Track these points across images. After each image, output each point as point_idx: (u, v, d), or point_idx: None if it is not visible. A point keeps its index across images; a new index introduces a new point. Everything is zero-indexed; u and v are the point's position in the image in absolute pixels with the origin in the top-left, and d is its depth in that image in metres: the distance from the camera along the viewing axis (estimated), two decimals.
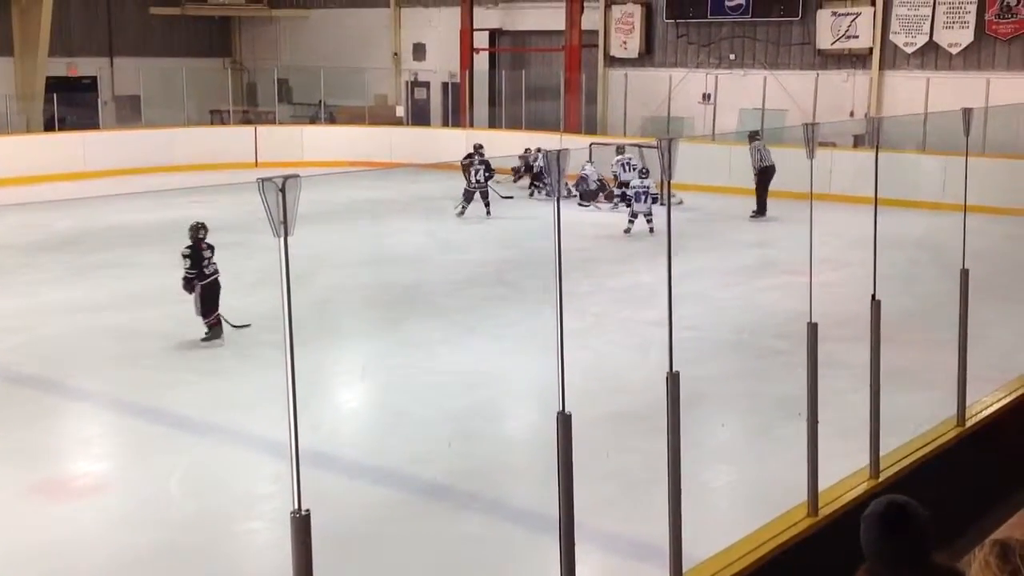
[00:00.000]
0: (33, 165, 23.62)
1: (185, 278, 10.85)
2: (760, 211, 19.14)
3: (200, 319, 10.86)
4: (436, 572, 6.35)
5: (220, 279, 10.96)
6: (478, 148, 19.59)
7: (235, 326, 10.98)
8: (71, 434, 9.03)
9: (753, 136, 19.74)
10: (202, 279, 10.81)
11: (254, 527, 7.10)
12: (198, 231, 10.97)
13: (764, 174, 19.16)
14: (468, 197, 18.83)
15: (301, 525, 3.07)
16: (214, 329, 10.85)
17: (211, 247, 11.00)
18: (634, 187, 17.54)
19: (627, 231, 17.25)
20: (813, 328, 5.19)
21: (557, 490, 3.82)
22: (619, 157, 20.62)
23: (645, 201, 17.21)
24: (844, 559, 3.24)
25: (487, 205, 18.97)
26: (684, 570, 4.25)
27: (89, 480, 7.89)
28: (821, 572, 4.52)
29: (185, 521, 7.03)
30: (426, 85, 30.62)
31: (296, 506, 3.07)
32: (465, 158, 19.73)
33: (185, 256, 10.85)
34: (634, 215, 17.27)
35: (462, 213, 18.88)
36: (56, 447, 8.58)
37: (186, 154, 25.28)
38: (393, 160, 25.07)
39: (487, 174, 18.93)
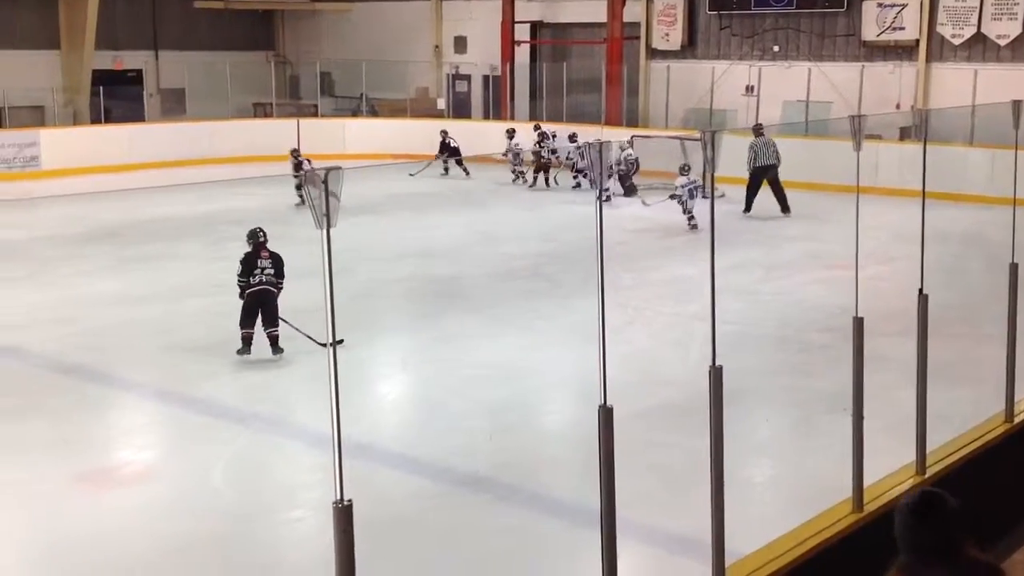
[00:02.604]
0: (79, 157, 23.93)
1: (238, 284, 10.15)
2: (747, 206, 18.46)
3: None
4: (476, 564, 6.36)
5: (276, 291, 10.09)
6: (295, 151, 20.28)
7: (321, 344, 9.94)
8: (115, 424, 9.14)
9: (757, 131, 19.02)
10: (249, 287, 10.05)
11: (296, 516, 7.15)
12: (257, 236, 10.26)
13: (756, 173, 18.53)
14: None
15: (343, 515, 3.07)
16: (244, 343, 10.08)
17: (274, 256, 10.16)
18: (684, 184, 17.22)
19: (695, 227, 16.95)
20: (859, 322, 5.12)
21: (597, 483, 3.80)
22: (625, 153, 20.47)
23: (695, 196, 17.02)
24: (889, 556, 3.20)
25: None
26: (727, 565, 4.21)
27: (134, 469, 7.98)
28: (866, 568, 4.46)
29: (228, 510, 7.09)
30: (467, 78, 30.63)
31: (338, 496, 3.07)
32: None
33: (240, 262, 10.17)
34: (689, 211, 16.99)
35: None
36: (101, 437, 8.69)
37: (229, 147, 25.48)
38: (434, 153, 25.10)
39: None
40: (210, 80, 28.27)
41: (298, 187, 19.68)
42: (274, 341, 10.11)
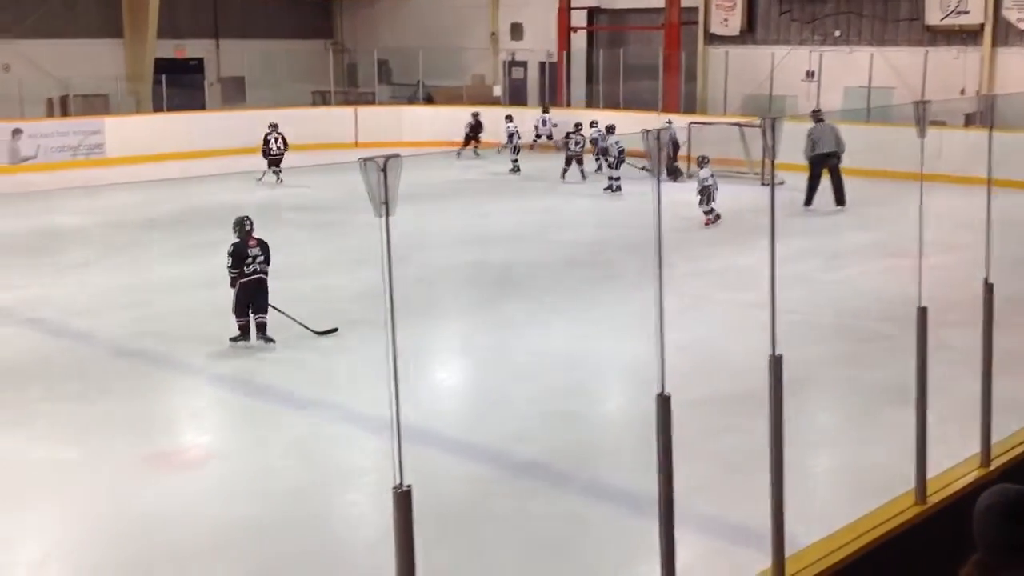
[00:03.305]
0: (142, 145, 24.33)
1: (230, 275, 10.26)
2: (808, 200, 17.57)
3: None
4: (532, 550, 6.38)
5: (267, 278, 10.27)
6: (274, 125, 21.90)
7: (319, 332, 10.43)
8: (179, 407, 9.29)
9: (815, 116, 18.04)
10: (242, 277, 10.18)
11: (355, 500, 7.22)
12: (243, 225, 10.32)
13: (814, 161, 17.67)
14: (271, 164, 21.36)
15: (403, 500, 3.09)
16: (242, 332, 10.24)
17: (261, 244, 10.30)
18: (708, 179, 16.81)
19: (718, 218, 16.69)
20: (922, 312, 5.04)
21: (654, 471, 3.78)
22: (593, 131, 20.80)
23: (718, 188, 16.69)
24: (953, 548, 3.15)
25: (278, 173, 21.33)
26: (786, 555, 4.18)
27: (195, 452, 8.11)
28: (929, 561, 4.41)
29: (288, 494, 7.17)
30: (523, 64, 30.62)
31: (398, 481, 3.09)
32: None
33: (228, 254, 10.26)
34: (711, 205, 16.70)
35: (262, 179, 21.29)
36: (165, 420, 8.84)
37: (288, 134, 25.67)
38: (490, 139, 25.14)
39: (282, 146, 21.61)
40: (269, 68, 28.57)
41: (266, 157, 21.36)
42: (262, 328, 10.22)
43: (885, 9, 24.09)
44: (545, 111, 25.78)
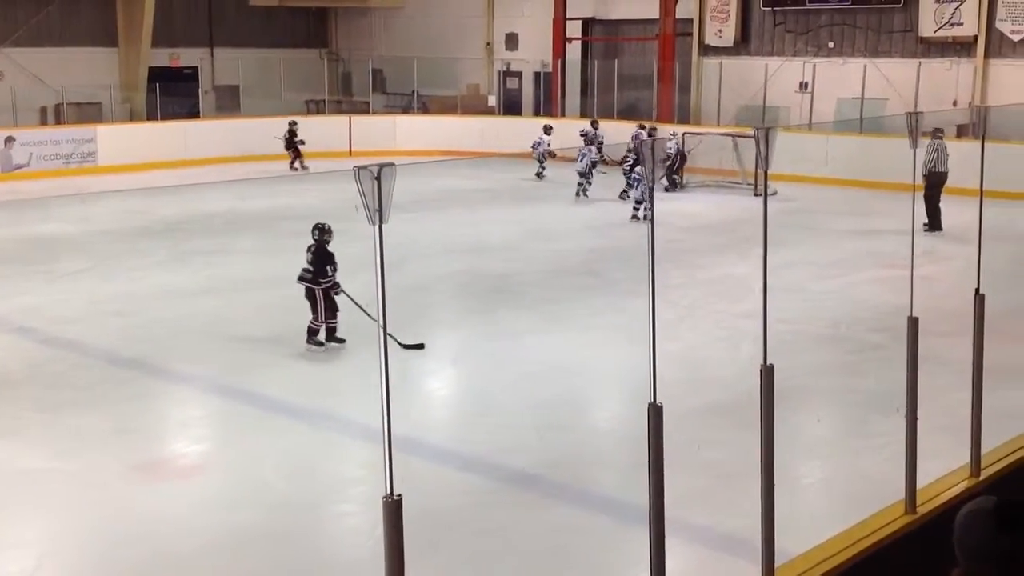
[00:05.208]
0: (136, 153, 24.31)
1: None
2: (933, 225, 16.07)
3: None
4: (524, 560, 6.37)
5: (315, 288, 10.36)
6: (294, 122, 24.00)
7: (405, 345, 9.94)
8: (170, 416, 9.27)
9: (936, 133, 16.81)
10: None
11: (347, 510, 7.21)
12: (312, 233, 10.47)
13: (932, 179, 16.39)
14: None
15: (393, 510, 3.09)
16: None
17: (315, 254, 10.38)
18: (636, 175, 17.47)
19: (634, 218, 17.33)
20: (914, 322, 5.06)
21: (646, 481, 3.79)
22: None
23: (639, 188, 17.24)
24: (942, 558, 3.16)
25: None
26: (776, 565, 4.19)
27: (187, 462, 8.09)
28: (919, 571, 4.42)
29: (279, 503, 7.16)
30: (518, 75, 30.67)
31: (388, 491, 3.09)
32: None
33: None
34: (638, 203, 17.29)
35: None
36: (156, 428, 8.82)
37: (282, 143, 25.68)
38: (484, 149, 25.17)
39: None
40: (264, 77, 28.57)
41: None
42: (312, 334, 10.34)
43: (879, 21, 24.18)
44: (594, 124, 25.09)
